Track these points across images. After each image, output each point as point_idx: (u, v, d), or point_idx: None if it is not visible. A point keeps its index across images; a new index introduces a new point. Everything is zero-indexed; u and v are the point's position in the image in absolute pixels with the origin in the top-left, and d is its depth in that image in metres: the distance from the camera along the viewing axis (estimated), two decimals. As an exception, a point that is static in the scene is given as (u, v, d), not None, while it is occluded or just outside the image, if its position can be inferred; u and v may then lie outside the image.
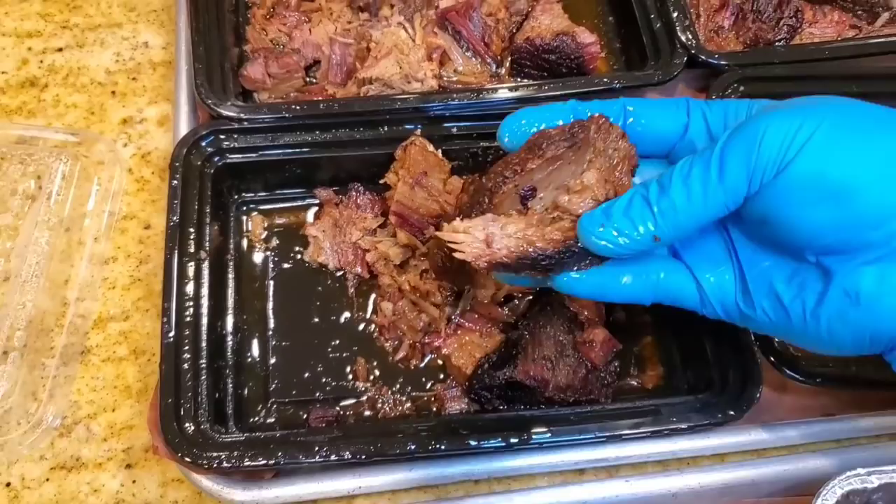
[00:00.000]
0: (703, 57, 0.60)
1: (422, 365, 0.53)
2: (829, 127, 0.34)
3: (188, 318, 0.48)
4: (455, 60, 0.62)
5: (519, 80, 0.63)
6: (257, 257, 0.57)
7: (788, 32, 0.64)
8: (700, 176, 0.36)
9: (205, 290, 0.50)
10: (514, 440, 0.46)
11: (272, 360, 0.53)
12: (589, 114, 0.41)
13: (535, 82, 0.60)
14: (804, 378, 0.50)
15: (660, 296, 0.42)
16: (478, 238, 0.39)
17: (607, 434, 0.47)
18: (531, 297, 0.55)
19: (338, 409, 0.51)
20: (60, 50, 0.66)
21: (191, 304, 0.49)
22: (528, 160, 0.40)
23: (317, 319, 0.55)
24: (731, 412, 0.47)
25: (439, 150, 0.56)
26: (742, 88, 0.59)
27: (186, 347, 0.47)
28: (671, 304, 0.42)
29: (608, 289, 0.41)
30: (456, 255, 0.39)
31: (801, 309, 0.37)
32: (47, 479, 0.49)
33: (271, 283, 0.56)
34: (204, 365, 0.48)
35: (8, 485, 0.49)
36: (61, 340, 0.53)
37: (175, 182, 0.52)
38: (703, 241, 0.42)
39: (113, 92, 0.64)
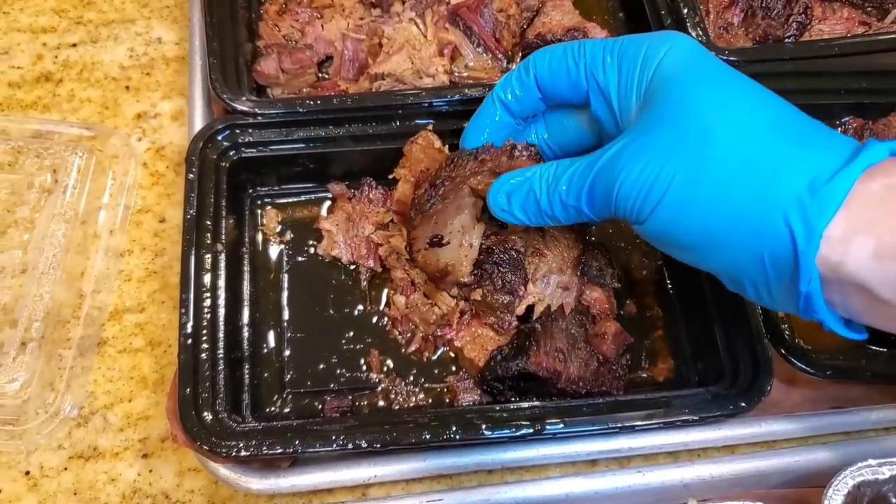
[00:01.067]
0: (712, 53, 0.60)
1: (434, 357, 0.54)
2: (679, 187, 0.36)
3: (205, 309, 0.49)
4: (466, 56, 0.63)
5: (530, 75, 0.64)
6: (272, 250, 0.57)
7: (798, 29, 0.65)
8: (573, 202, 0.42)
9: (221, 282, 0.51)
10: (527, 431, 0.46)
11: (287, 352, 0.53)
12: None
13: (547, 78, 0.60)
14: (814, 370, 0.50)
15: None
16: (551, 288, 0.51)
17: (619, 425, 0.47)
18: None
19: (352, 399, 0.52)
20: (74, 45, 0.66)
21: (208, 295, 0.49)
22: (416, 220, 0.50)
23: (331, 312, 0.55)
24: (742, 404, 0.48)
25: (448, 146, 0.56)
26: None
27: (204, 338, 0.48)
28: None
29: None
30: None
31: None
32: (65, 468, 0.50)
33: (286, 275, 0.56)
34: (221, 355, 0.48)
35: (27, 473, 0.50)
36: (78, 332, 0.54)
37: (192, 175, 0.53)
38: None
39: (127, 87, 0.65)
